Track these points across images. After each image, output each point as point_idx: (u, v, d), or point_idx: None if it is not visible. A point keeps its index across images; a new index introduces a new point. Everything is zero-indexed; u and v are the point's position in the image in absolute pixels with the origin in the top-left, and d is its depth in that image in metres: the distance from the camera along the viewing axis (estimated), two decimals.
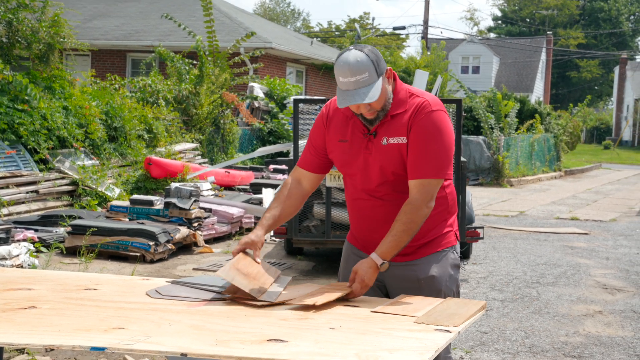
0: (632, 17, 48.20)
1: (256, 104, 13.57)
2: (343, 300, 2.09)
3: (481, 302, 2.07)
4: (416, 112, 2.13)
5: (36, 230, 6.14)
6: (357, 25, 29.48)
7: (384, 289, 2.30)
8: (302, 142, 5.92)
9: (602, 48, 44.57)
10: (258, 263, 2.18)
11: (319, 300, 1.97)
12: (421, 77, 6.72)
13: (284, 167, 10.30)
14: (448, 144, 2.13)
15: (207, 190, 7.83)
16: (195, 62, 11.84)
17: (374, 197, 2.21)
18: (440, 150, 2.12)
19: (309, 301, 1.97)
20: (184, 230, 6.23)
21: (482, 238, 6.03)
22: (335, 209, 5.53)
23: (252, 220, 7.59)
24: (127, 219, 6.58)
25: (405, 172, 2.16)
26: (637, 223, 9.61)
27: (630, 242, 7.97)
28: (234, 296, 2.04)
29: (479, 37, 42.23)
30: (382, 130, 2.17)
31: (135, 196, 6.82)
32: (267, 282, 2.13)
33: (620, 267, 6.46)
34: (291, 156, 5.70)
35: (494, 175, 14.87)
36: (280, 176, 9.81)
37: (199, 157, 10.70)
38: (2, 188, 6.99)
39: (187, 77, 11.46)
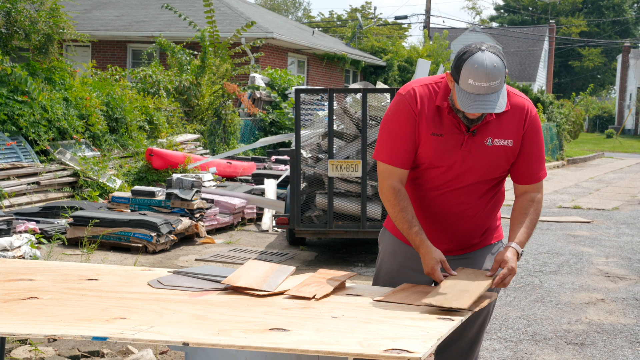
0: (635, 4, 47.89)
1: (258, 94, 13.53)
2: (340, 288, 2.08)
3: (489, 278, 2.04)
4: (526, 117, 2.13)
5: (37, 222, 6.14)
6: (358, 15, 29.33)
7: (433, 281, 2.23)
8: (304, 132, 5.90)
9: (605, 36, 44.35)
10: (454, 274, 2.06)
11: (318, 293, 1.96)
12: (423, 67, 6.68)
13: (285, 157, 10.28)
14: (544, 141, 2.29)
15: (208, 181, 7.82)
16: (196, 52, 11.80)
17: (458, 196, 2.15)
18: (543, 150, 2.21)
19: (308, 294, 1.96)
20: (185, 221, 6.23)
21: None
22: (338, 199, 5.52)
23: (254, 210, 7.58)
24: (128, 210, 6.58)
25: (499, 173, 2.16)
26: (639, 211, 9.59)
27: (633, 230, 7.96)
28: (235, 286, 2.04)
29: (481, 27, 42.04)
30: (484, 129, 2.09)
31: (136, 187, 6.81)
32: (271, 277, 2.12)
33: (623, 255, 6.45)
34: (293, 146, 5.68)
35: None
36: (281, 167, 9.80)
37: (201, 147, 10.69)
38: (3, 179, 6.99)
39: (188, 67, 11.42)
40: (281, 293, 2.02)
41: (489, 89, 1.95)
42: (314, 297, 1.95)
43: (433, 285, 2.19)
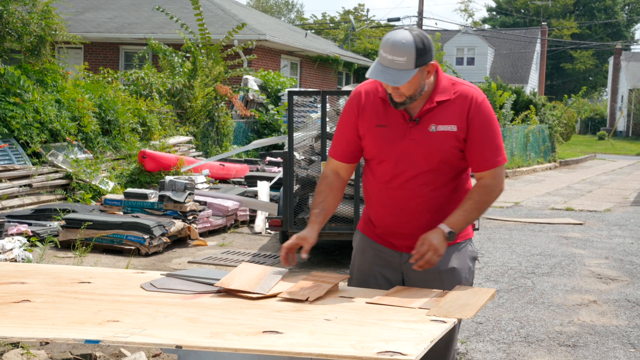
0: (626, 7, 48.21)
1: (250, 96, 13.52)
2: (333, 290, 2.08)
3: (491, 290, 2.06)
4: (470, 104, 2.13)
5: (30, 224, 6.11)
6: (351, 17, 29.39)
7: (402, 283, 2.25)
8: (297, 134, 5.90)
9: (597, 38, 44.61)
10: (305, 258, 2.16)
11: (312, 296, 1.96)
12: None
13: (278, 159, 10.28)
14: (499, 127, 2.21)
15: (201, 183, 7.80)
16: (188, 54, 11.78)
17: (412, 187, 2.15)
18: (497, 136, 2.17)
19: (301, 297, 1.96)
20: (178, 224, 6.22)
21: (477, 229, 6.04)
22: None
23: (247, 213, 7.58)
24: (121, 213, 6.56)
25: (450, 160, 2.14)
26: (631, 213, 9.65)
27: (625, 232, 8.00)
28: (228, 289, 2.04)
29: (474, 29, 42.20)
30: (428, 117, 2.12)
31: (129, 189, 6.79)
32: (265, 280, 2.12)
33: (615, 256, 6.48)
34: (286, 149, 5.68)
35: None
36: (274, 169, 9.79)
37: (194, 150, 10.67)
38: None
39: (181, 70, 11.40)
40: (274, 296, 2.01)
41: (392, 63, 2.00)
42: (307, 299, 1.95)
43: (431, 287, 2.19)
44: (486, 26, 48.63)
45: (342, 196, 2.34)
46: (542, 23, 38.91)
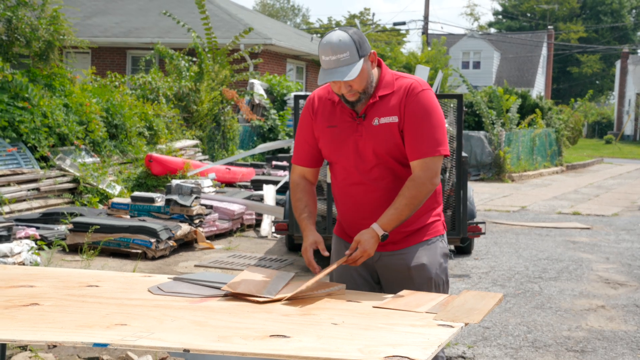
0: (634, 10, 48.06)
1: (256, 100, 13.55)
2: (339, 292, 2.09)
3: (498, 294, 2.06)
4: (407, 94, 2.17)
5: (38, 228, 6.14)
6: (357, 21, 29.42)
7: (377, 279, 2.31)
8: None
9: (604, 42, 44.46)
10: (327, 255, 2.21)
11: (312, 292, 1.99)
12: (422, 73, 6.70)
13: (284, 163, 10.29)
14: (441, 121, 2.18)
15: (208, 187, 7.82)
16: (194, 59, 11.83)
17: (367, 182, 2.21)
18: (434, 128, 2.15)
19: (299, 293, 1.98)
20: (185, 227, 6.23)
21: (484, 233, 6.03)
22: None
23: (254, 216, 7.59)
24: (128, 216, 6.58)
25: (398, 152, 2.18)
26: (639, 217, 9.60)
27: (633, 236, 7.96)
28: (235, 292, 2.04)
29: (480, 32, 42.17)
30: (372, 111, 2.19)
31: (136, 193, 6.81)
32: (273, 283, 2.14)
33: (623, 261, 6.45)
34: (292, 152, 5.69)
35: (495, 171, 14.86)
36: (280, 172, 9.81)
37: (200, 154, 10.70)
38: (3, 186, 6.99)
39: (187, 74, 11.45)
40: (281, 299, 2.02)
41: (338, 62, 2.08)
42: (305, 288, 1.97)
43: (432, 291, 2.20)
44: (492, 30, 48.57)
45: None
46: (549, 27, 38.84)
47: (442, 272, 2.27)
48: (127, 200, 6.82)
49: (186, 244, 6.38)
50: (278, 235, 7.02)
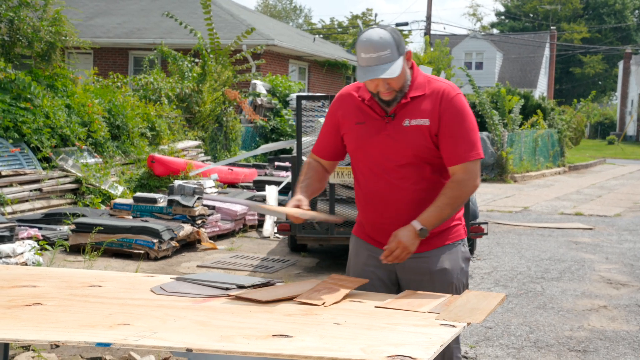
0: (636, 11, 47.97)
1: (259, 101, 13.56)
2: (348, 295, 2.08)
3: (500, 294, 2.06)
4: (442, 98, 2.17)
5: (40, 229, 6.15)
6: (359, 22, 29.44)
7: (397, 283, 2.30)
8: (305, 139, 5.91)
9: (607, 43, 44.39)
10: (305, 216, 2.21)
11: (328, 300, 1.96)
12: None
13: (287, 164, 10.29)
14: (475, 123, 2.22)
15: (210, 187, 7.83)
16: (197, 60, 11.84)
17: (393, 180, 2.20)
18: (471, 131, 2.19)
19: (317, 301, 1.96)
20: (187, 228, 6.24)
21: (486, 234, 6.02)
22: (339, 205, 5.53)
23: (256, 217, 7.59)
24: (130, 217, 6.59)
25: (426, 154, 2.18)
26: None
27: (635, 237, 7.95)
28: (238, 295, 2.04)
29: (482, 33, 42.13)
30: (402, 112, 2.18)
31: (138, 194, 6.82)
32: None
33: (625, 262, 6.44)
34: (294, 153, 5.69)
35: (497, 171, 14.84)
36: (283, 173, 9.81)
37: (202, 154, 10.70)
38: (5, 186, 7.00)
39: (190, 74, 11.46)
40: (291, 299, 2.02)
41: (379, 60, 2.08)
42: (323, 303, 1.95)
43: (435, 291, 2.20)
44: (495, 31, 48.53)
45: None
46: (551, 27, 38.79)
47: (462, 276, 2.28)
48: (130, 200, 6.83)
49: (188, 245, 6.39)
50: (280, 236, 7.03)
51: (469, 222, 5.53)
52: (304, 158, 5.68)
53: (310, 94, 15.48)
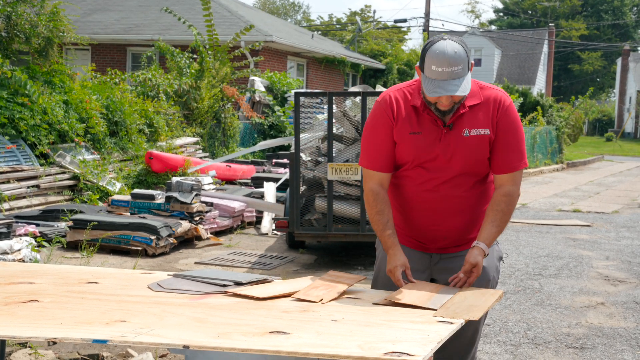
0: (635, 7, 47.97)
1: (257, 97, 13.54)
2: (346, 291, 2.08)
3: (498, 291, 2.06)
4: (498, 107, 2.19)
5: (37, 225, 6.14)
6: (358, 19, 29.40)
7: (429, 279, 2.30)
8: (304, 135, 5.91)
9: (605, 39, 44.40)
10: (413, 282, 2.14)
11: (325, 297, 1.96)
12: None
13: (285, 160, 10.29)
14: (523, 133, 2.25)
15: (208, 184, 7.82)
16: (195, 56, 11.82)
17: (445, 189, 2.20)
18: (521, 141, 2.22)
19: (314, 298, 1.96)
20: (185, 224, 6.23)
21: None
22: (337, 202, 5.52)
23: (254, 214, 7.58)
24: (128, 214, 6.58)
25: (484, 163, 2.20)
26: (639, 215, 9.60)
27: (633, 233, 7.96)
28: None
29: (481, 30, 42.11)
30: (460, 121, 2.17)
31: (136, 190, 6.81)
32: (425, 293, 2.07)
33: (623, 258, 6.45)
34: (292, 150, 5.68)
35: None
36: (281, 170, 9.80)
37: (200, 151, 10.69)
38: (3, 183, 6.99)
39: (188, 71, 11.44)
40: (288, 295, 2.01)
41: (451, 74, 2.05)
42: (320, 300, 1.95)
43: (433, 286, 2.19)
44: (493, 27, 48.51)
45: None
46: (550, 24, 38.78)
47: (497, 275, 2.34)
48: (127, 197, 6.82)
49: (186, 242, 6.38)
50: (278, 233, 7.02)
51: None
52: (302, 155, 5.68)
53: (309, 90, 15.47)
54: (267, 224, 7.32)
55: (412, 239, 2.29)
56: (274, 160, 10.57)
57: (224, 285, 2.11)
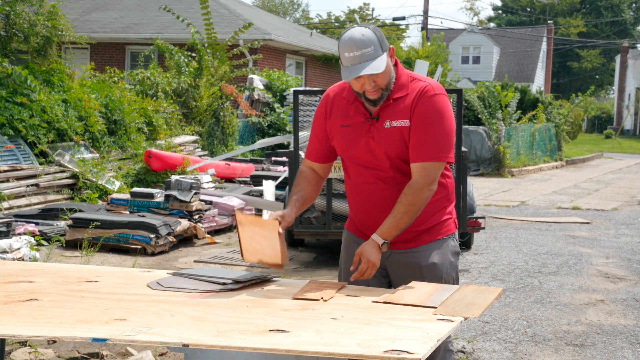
0: (633, 4, 47.96)
1: (256, 95, 13.54)
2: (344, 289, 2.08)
3: (498, 289, 2.06)
4: (419, 96, 2.15)
5: (37, 224, 6.14)
6: (356, 16, 29.39)
7: (387, 276, 2.32)
8: (303, 134, 5.90)
9: (604, 36, 44.39)
10: (280, 234, 2.20)
11: (325, 295, 1.96)
12: (421, 67, 6.68)
13: (284, 159, 10.29)
14: (449, 128, 2.15)
15: (207, 182, 7.81)
16: (194, 54, 11.81)
17: (379, 181, 2.22)
18: (441, 134, 2.14)
19: (315, 296, 1.96)
20: (184, 223, 6.23)
21: (484, 228, 6.03)
22: (336, 200, 5.52)
23: (253, 212, 7.58)
24: (127, 212, 6.57)
25: (408, 154, 2.17)
26: (638, 212, 9.60)
27: (632, 230, 7.97)
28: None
29: (479, 27, 42.08)
30: (384, 113, 2.18)
31: (135, 189, 6.81)
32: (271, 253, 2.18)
33: (622, 255, 6.45)
34: (291, 148, 5.68)
35: (495, 166, 14.85)
36: (280, 168, 9.80)
37: (199, 149, 10.69)
38: (2, 182, 6.98)
39: (186, 69, 11.43)
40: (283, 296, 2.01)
41: (363, 57, 2.07)
42: (321, 298, 1.95)
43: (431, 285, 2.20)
44: (492, 25, 48.47)
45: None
46: (549, 21, 38.77)
47: (452, 271, 2.29)
48: (127, 196, 6.82)
49: (186, 240, 6.38)
50: None
51: (466, 216, 5.53)
52: (301, 153, 5.67)
53: (308, 88, 15.46)
54: None
55: (360, 231, 2.32)
56: (273, 159, 10.57)
57: (223, 284, 2.11)
